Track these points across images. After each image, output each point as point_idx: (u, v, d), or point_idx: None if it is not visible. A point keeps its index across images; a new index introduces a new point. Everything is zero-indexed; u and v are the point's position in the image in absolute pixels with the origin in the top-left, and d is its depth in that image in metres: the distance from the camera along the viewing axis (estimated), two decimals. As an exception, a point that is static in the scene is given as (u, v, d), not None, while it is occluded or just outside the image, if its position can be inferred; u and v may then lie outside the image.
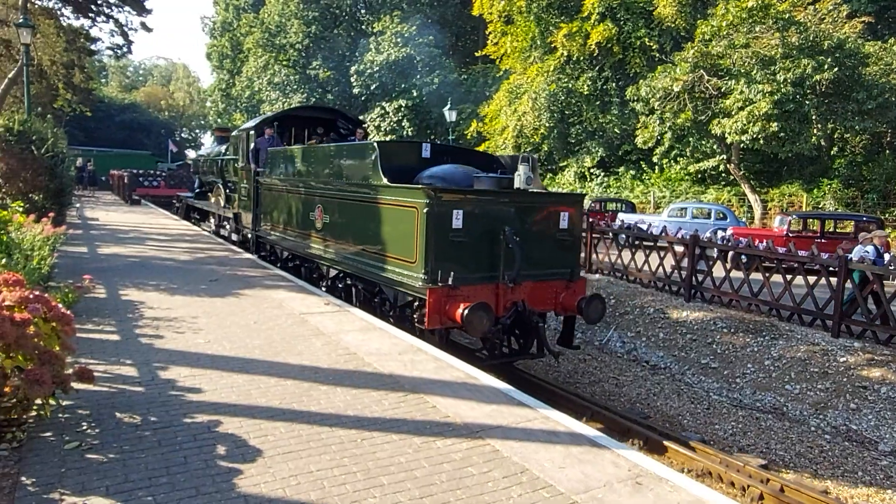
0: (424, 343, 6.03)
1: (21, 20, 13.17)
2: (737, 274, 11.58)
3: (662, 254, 12.70)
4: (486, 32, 31.94)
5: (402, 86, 37.71)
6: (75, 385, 3.82)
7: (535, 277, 7.17)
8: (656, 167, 26.04)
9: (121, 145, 54.55)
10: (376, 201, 7.50)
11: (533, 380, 8.33)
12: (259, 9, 46.53)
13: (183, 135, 74.68)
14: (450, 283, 6.40)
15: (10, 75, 17.83)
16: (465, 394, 4.61)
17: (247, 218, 12.58)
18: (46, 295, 3.86)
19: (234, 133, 14.37)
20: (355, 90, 39.60)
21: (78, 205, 19.32)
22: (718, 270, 11.75)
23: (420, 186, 6.81)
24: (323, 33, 41.56)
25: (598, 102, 28.33)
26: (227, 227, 14.36)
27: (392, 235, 7.19)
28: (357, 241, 8.03)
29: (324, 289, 9.08)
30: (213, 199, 16.17)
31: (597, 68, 27.99)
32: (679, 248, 12.59)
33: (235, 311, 6.92)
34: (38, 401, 3.66)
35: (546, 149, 31.30)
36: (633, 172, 27.25)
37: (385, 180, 7.30)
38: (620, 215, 20.58)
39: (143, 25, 22.97)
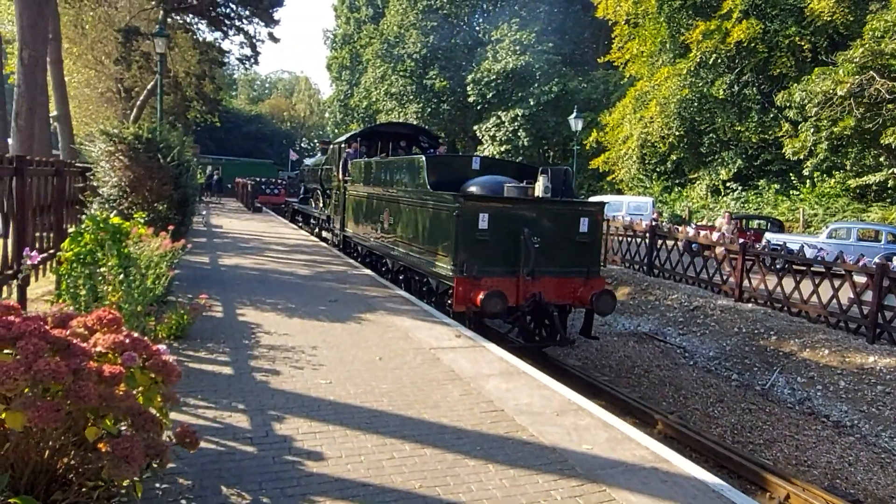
0: (581, 398, 4.89)
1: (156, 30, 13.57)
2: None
3: (837, 283, 10.76)
4: (612, 36, 30.24)
5: (519, 94, 36.71)
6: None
7: (553, 273, 8.22)
8: (807, 181, 23.21)
9: (247, 154, 57.42)
10: (423, 205, 8.93)
11: (699, 438, 6.92)
12: (379, 21, 47.31)
13: (302, 144, 77.85)
14: (473, 273, 7.69)
15: (148, 86, 18.65)
16: (661, 488, 3.43)
17: (336, 220, 14.34)
18: (146, 338, 3.13)
19: (331, 146, 15.96)
20: (470, 99, 39.07)
21: (205, 212, 19.84)
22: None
23: (452, 193, 8.17)
24: (440, 43, 41.42)
25: (735, 108, 25.88)
26: (324, 227, 16.24)
27: (433, 234, 8.56)
28: (410, 239, 9.46)
29: (388, 279, 10.39)
30: (313, 204, 18.16)
31: (735, 71, 25.56)
32: (860, 279, 10.61)
33: (358, 342, 6.11)
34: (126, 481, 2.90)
35: (674, 159, 29.09)
36: (777, 186, 24.51)
37: (429, 188, 8.66)
38: (767, 235, 18.35)
39: (271, 36, 23.60)
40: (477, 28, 45.50)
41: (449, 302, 7.94)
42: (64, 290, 4.92)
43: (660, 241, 15.48)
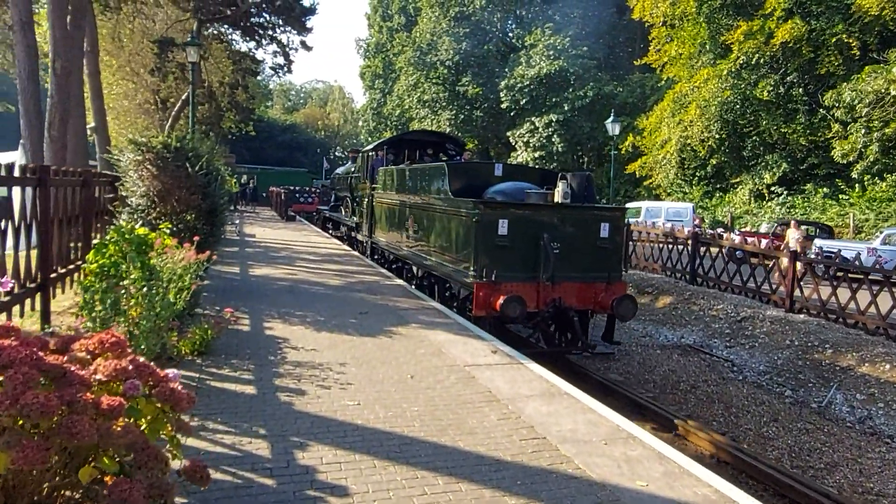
0: (631, 424, 4.47)
1: (189, 38, 13.59)
2: None
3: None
4: (648, 38, 29.54)
5: (554, 100, 36.20)
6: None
7: (573, 278, 8.19)
8: (856, 185, 22.17)
9: (282, 163, 58.02)
10: (445, 212, 8.98)
11: (755, 464, 6.39)
12: (411, 29, 47.34)
13: (336, 153, 78.44)
14: (493, 279, 7.71)
15: (183, 97, 18.78)
16: (730, 535, 3.01)
17: (364, 226, 14.51)
18: (151, 364, 2.84)
19: (360, 154, 16.18)
20: (503, 105, 38.69)
21: (238, 221, 19.87)
22: None
23: (472, 199, 8.13)
24: (473, 49, 41.17)
25: (780, 110, 24.95)
26: (353, 234, 16.48)
27: (455, 240, 8.62)
28: (433, 245, 9.52)
29: (414, 286, 10.44)
30: (343, 212, 18.58)
31: (780, 72, 24.64)
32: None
33: (388, 359, 5.79)
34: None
35: (714, 163, 28.22)
36: (825, 190, 23.49)
37: (451, 195, 8.74)
38: (817, 241, 17.51)
39: (303, 44, 23.63)
40: (510, 34, 45.17)
41: (470, 307, 7.98)
42: (82, 305, 4.72)
43: (703, 249, 14.85)
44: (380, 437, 3.98)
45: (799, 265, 12.11)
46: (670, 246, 15.89)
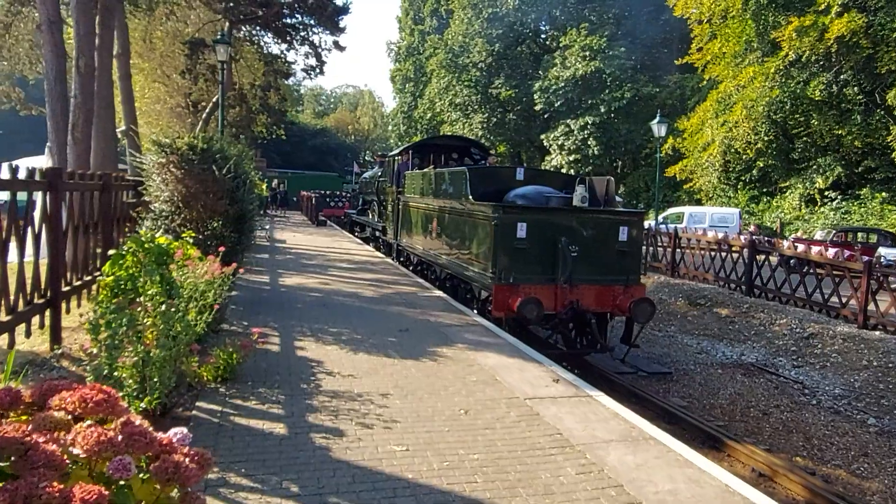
0: (742, 483, 3.66)
1: (218, 36, 13.14)
2: None
3: None
4: (691, 36, 28.39)
5: (590, 102, 35.19)
6: None
7: (592, 281, 8.23)
8: (920, 189, 20.81)
9: (312, 168, 57.88)
10: (466, 215, 9.14)
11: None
12: (443, 31, 46.74)
13: (366, 157, 78.21)
14: (511, 281, 7.84)
15: (214, 99, 18.41)
16: None
17: (390, 229, 14.71)
18: (149, 430, 2.15)
19: (386, 159, 16.44)
20: (537, 107, 37.79)
21: (268, 226, 19.40)
22: None
23: (492, 203, 8.34)
24: (506, 51, 40.36)
25: (833, 110, 23.64)
26: (380, 237, 16.66)
27: (475, 242, 8.75)
28: (454, 248, 9.68)
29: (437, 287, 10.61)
30: (370, 215, 18.91)
31: (833, 70, 23.35)
32: None
33: (436, 388, 5.06)
34: None
35: (761, 166, 26.94)
36: (883, 195, 22.12)
37: (471, 199, 8.86)
38: (881, 250, 16.31)
39: (336, 44, 23.11)
40: (543, 35, 44.27)
41: (489, 308, 8.13)
42: (88, 328, 4.08)
43: (761, 258, 13.85)
44: (436, 499, 3.24)
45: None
46: (723, 254, 14.89)
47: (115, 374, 3.79)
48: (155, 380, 3.77)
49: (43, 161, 14.11)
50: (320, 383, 5.03)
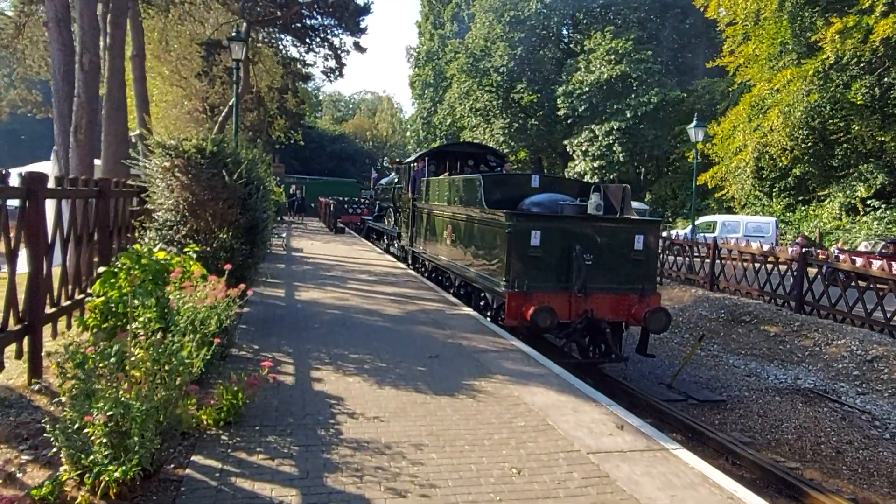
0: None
1: (233, 34, 12.49)
2: None
3: None
4: (723, 38, 27.34)
5: (615, 106, 34.22)
6: None
7: (606, 290, 8.11)
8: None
9: (331, 174, 57.40)
10: (480, 222, 9.08)
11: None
12: (463, 36, 46.04)
13: (384, 163, 77.67)
14: (524, 289, 7.76)
15: (230, 102, 17.82)
16: None
17: (405, 236, 14.66)
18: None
19: (402, 165, 16.29)
20: (560, 112, 36.89)
21: (285, 234, 18.70)
22: None
23: (505, 211, 8.19)
24: (528, 55, 39.54)
25: (875, 115, 22.49)
26: (396, 243, 16.60)
27: (489, 250, 8.67)
28: (469, 255, 9.61)
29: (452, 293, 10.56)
30: (386, 222, 18.83)
31: (877, 72, 22.21)
32: None
33: (478, 436, 4.23)
34: None
35: (797, 173, 25.79)
36: (932, 204, 20.93)
37: (485, 206, 8.83)
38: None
39: (357, 45, 22.46)
40: (567, 39, 43.41)
41: (503, 316, 8.00)
42: (56, 369, 3.31)
43: (812, 271, 12.84)
44: None
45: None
46: (769, 266, 13.89)
47: (87, 430, 3.02)
48: (135, 439, 2.99)
49: (49, 166, 13.54)
50: (341, 429, 4.22)
